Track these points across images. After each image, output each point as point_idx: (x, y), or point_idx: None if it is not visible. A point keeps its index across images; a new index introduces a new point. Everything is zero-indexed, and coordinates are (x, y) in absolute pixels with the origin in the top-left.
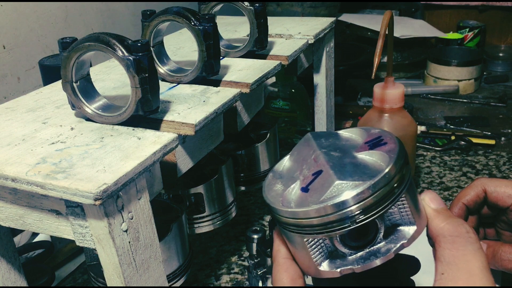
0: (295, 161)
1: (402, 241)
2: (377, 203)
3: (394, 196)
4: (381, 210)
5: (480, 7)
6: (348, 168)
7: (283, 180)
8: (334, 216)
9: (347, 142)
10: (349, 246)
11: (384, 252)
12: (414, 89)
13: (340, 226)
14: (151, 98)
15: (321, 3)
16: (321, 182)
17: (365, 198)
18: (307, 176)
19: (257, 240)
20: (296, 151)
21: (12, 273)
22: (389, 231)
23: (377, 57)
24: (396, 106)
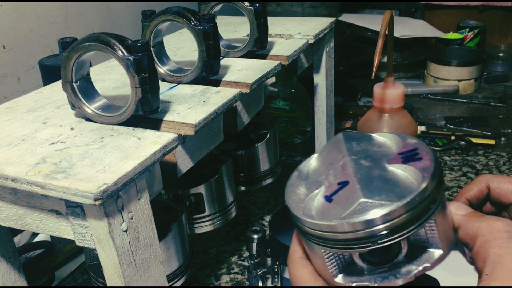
0: (323, 163)
1: (425, 264)
2: (403, 226)
3: (423, 219)
4: (406, 233)
5: (480, 7)
6: (376, 184)
7: (308, 182)
8: (356, 234)
9: (380, 149)
10: (368, 261)
11: (404, 273)
12: (414, 89)
13: (362, 245)
14: (151, 98)
15: (321, 3)
16: (345, 195)
17: (390, 220)
18: (333, 183)
19: (257, 240)
20: (325, 152)
21: (12, 273)
22: (412, 252)
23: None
24: (396, 106)
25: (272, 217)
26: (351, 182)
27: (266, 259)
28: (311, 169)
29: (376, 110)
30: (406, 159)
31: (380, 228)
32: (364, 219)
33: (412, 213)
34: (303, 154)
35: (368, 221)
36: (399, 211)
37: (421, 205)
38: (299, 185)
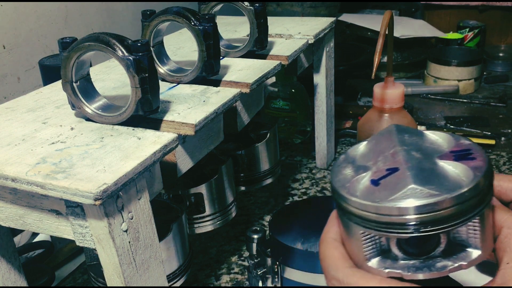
0: (372, 150)
1: (461, 262)
2: (447, 219)
3: (467, 216)
4: (449, 227)
5: (480, 7)
6: (427, 174)
7: (354, 166)
8: (399, 219)
9: (431, 145)
10: (404, 250)
11: (439, 267)
12: (414, 89)
13: (403, 231)
14: (151, 98)
15: (321, 3)
16: (394, 181)
17: (436, 210)
18: (381, 169)
19: (257, 240)
20: (375, 140)
21: (12, 273)
22: (450, 248)
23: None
24: (396, 106)
25: (272, 217)
26: (401, 169)
27: (266, 259)
28: (359, 154)
29: (376, 110)
30: (458, 157)
31: (425, 216)
32: (411, 205)
33: (460, 207)
34: (303, 154)
35: (415, 208)
36: (447, 203)
37: (469, 201)
38: (345, 167)
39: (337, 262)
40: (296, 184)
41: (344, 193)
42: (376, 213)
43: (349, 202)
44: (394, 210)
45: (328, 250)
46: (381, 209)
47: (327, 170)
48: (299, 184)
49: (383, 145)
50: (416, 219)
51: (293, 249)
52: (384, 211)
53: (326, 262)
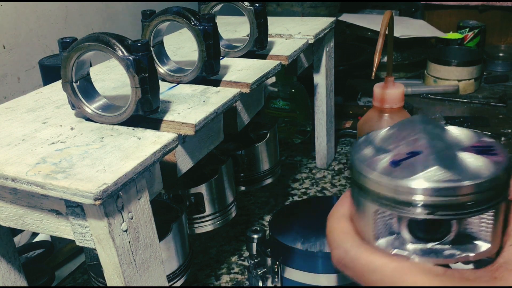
0: (394, 135)
1: (468, 253)
2: (464, 206)
3: (483, 207)
4: (464, 214)
5: (480, 7)
6: (449, 160)
7: (375, 147)
8: (418, 198)
9: (454, 138)
10: (414, 234)
11: (446, 255)
12: (414, 89)
13: (419, 211)
14: (151, 98)
15: (321, 3)
16: (416, 162)
17: (455, 195)
18: (402, 152)
19: (257, 240)
20: (398, 127)
21: (12, 273)
22: (459, 238)
23: (377, 57)
24: (396, 106)
25: (272, 217)
26: (424, 153)
27: (266, 259)
28: (380, 137)
29: (376, 110)
30: (480, 152)
31: (443, 200)
32: (432, 186)
33: (478, 196)
34: (303, 154)
35: (435, 189)
36: (466, 190)
37: (488, 192)
38: (366, 147)
39: (344, 235)
40: (296, 184)
41: (363, 168)
42: (394, 191)
43: (367, 178)
44: (414, 189)
45: (336, 223)
46: (400, 188)
47: (327, 170)
48: (299, 184)
49: (405, 132)
50: (434, 201)
51: (293, 249)
52: (403, 190)
53: (333, 234)
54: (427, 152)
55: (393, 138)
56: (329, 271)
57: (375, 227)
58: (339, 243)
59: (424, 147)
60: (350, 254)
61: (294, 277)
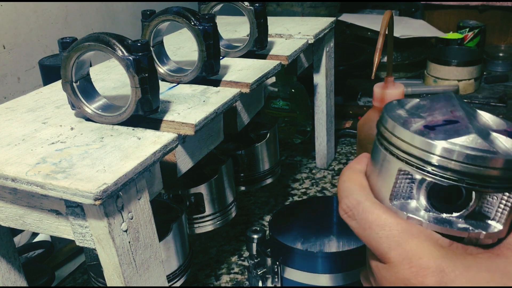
0: (427, 105)
1: (481, 230)
2: (492, 179)
3: (508, 185)
4: (490, 188)
5: (480, 7)
6: (485, 134)
7: (409, 111)
8: (449, 163)
9: (486, 120)
10: (430, 202)
11: (459, 228)
12: (414, 89)
13: (448, 176)
14: (151, 98)
15: (321, 3)
16: (453, 129)
17: (488, 167)
18: (437, 119)
19: (257, 240)
20: (431, 99)
21: (12, 273)
22: (474, 214)
23: (377, 57)
24: None
25: (272, 217)
26: (462, 123)
27: (266, 259)
28: (413, 104)
29: (376, 110)
30: (511, 135)
31: (476, 169)
32: (469, 153)
33: (506, 173)
34: (303, 154)
35: (471, 156)
36: (499, 163)
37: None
38: (399, 109)
39: (358, 187)
40: (296, 184)
41: (397, 126)
42: (427, 151)
43: (399, 136)
44: (450, 152)
45: (352, 174)
46: (435, 149)
47: (327, 170)
48: (299, 184)
49: (440, 104)
50: (467, 168)
51: (293, 249)
52: (438, 152)
53: (347, 183)
54: (464, 123)
55: (426, 107)
56: (329, 271)
57: (395, 187)
58: (352, 192)
59: (461, 118)
60: (362, 205)
61: (294, 277)
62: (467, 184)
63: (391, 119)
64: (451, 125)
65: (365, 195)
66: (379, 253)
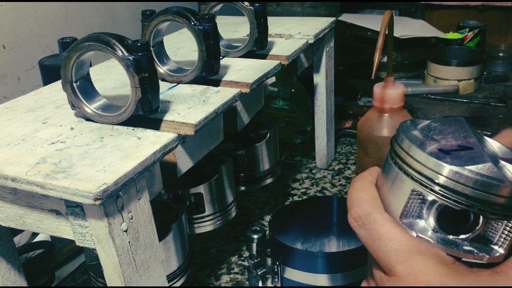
0: (439, 127)
1: (484, 254)
2: (498, 206)
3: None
4: (498, 214)
5: (480, 7)
6: (496, 164)
7: (422, 132)
8: (464, 188)
9: (493, 148)
10: (439, 223)
11: (465, 250)
12: (414, 89)
13: (459, 200)
14: (151, 98)
15: (321, 3)
16: (469, 155)
17: (498, 195)
18: (452, 144)
19: (257, 240)
20: (442, 122)
21: (12, 273)
22: (479, 238)
23: (377, 57)
24: (396, 106)
25: (272, 217)
26: (476, 150)
27: (266, 259)
28: (426, 125)
29: (376, 110)
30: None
31: (488, 196)
32: (483, 180)
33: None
34: (303, 154)
35: (486, 184)
36: (505, 191)
37: None
38: (413, 130)
39: (370, 198)
40: (296, 184)
41: (413, 148)
42: (445, 176)
43: (416, 156)
44: (467, 179)
45: (364, 185)
46: (452, 175)
47: (327, 170)
48: (299, 184)
49: (453, 128)
50: (478, 194)
51: (293, 249)
52: (455, 177)
53: (358, 193)
54: (479, 149)
55: (438, 130)
56: (329, 271)
57: (406, 206)
58: (363, 202)
59: (476, 145)
60: (373, 216)
61: (294, 277)
62: (478, 210)
63: (408, 140)
64: (466, 151)
65: (376, 206)
66: (385, 265)
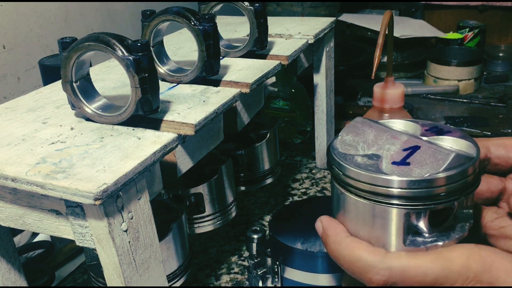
0: (359, 141)
1: (464, 233)
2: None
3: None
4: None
5: (480, 7)
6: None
7: (359, 155)
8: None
9: (405, 128)
10: (430, 228)
11: (454, 237)
12: (414, 89)
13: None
14: (151, 98)
15: (321, 3)
16: (426, 156)
17: (466, 176)
18: (397, 151)
19: (257, 240)
20: (352, 133)
21: (12, 273)
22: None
23: (377, 57)
24: (396, 106)
25: (272, 217)
26: (423, 146)
27: (266, 259)
28: (348, 145)
29: (376, 110)
30: (438, 132)
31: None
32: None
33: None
34: (303, 154)
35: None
36: (471, 171)
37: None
38: (352, 158)
39: (371, 252)
40: (296, 184)
41: (385, 178)
42: (429, 187)
43: (394, 186)
44: (455, 176)
45: (351, 246)
46: (438, 181)
47: (327, 170)
48: (299, 184)
49: (369, 135)
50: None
51: (293, 249)
52: (440, 183)
53: (361, 262)
54: (426, 144)
55: (364, 143)
56: (329, 271)
57: (405, 229)
58: (374, 263)
59: (416, 141)
60: (397, 267)
61: (294, 277)
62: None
63: (366, 172)
64: (417, 152)
65: (381, 255)
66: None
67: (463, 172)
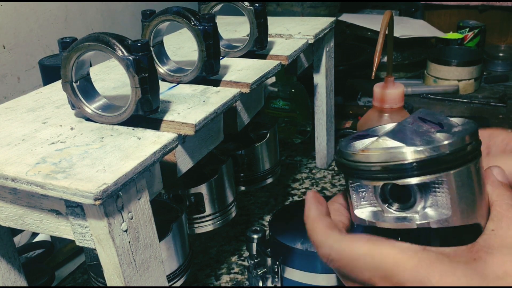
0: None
1: (430, 220)
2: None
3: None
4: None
5: (480, 7)
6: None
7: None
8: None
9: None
10: (388, 203)
11: (407, 219)
12: (414, 89)
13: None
14: (151, 98)
15: (321, 3)
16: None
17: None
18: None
19: (257, 240)
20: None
21: (12, 273)
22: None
23: (377, 57)
24: (396, 106)
25: (272, 217)
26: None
27: (266, 259)
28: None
29: (376, 110)
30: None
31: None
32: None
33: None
34: (303, 154)
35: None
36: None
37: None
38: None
39: (324, 233)
40: (296, 184)
41: (346, 151)
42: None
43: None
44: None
45: (313, 224)
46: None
47: (327, 170)
48: (299, 184)
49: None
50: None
51: (293, 249)
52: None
53: (314, 235)
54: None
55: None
56: (329, 271)
57: (353, 199)
58: (322, 241)
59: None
60: (335, 248)
61: (294, 277)
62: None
63: (343, 149)
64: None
65: (333, 237)
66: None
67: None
